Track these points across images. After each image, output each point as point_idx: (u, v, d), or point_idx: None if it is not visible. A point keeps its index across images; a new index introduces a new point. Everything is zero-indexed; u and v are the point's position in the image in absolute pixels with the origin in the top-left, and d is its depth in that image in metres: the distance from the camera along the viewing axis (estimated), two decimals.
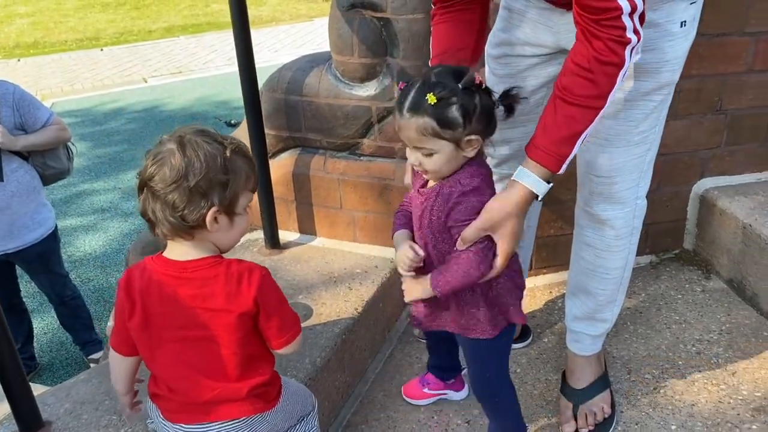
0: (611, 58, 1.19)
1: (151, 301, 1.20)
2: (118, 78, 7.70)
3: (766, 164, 2.25)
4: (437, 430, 1.73)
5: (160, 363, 1.24)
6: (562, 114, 1.26)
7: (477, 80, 1.23)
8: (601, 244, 1.64)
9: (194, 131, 1.16)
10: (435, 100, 1.20)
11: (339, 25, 1.98)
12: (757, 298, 2.03)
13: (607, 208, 1.59)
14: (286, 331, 1.24)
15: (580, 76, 1.22)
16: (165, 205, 1.13)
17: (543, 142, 1.27)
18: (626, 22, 1.17)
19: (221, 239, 1.20)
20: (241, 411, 1.24)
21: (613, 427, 1.68)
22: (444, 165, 1.28)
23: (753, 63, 2.07)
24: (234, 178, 1.15)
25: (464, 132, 1.23)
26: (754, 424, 1.65)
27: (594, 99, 1.24)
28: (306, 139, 2.16)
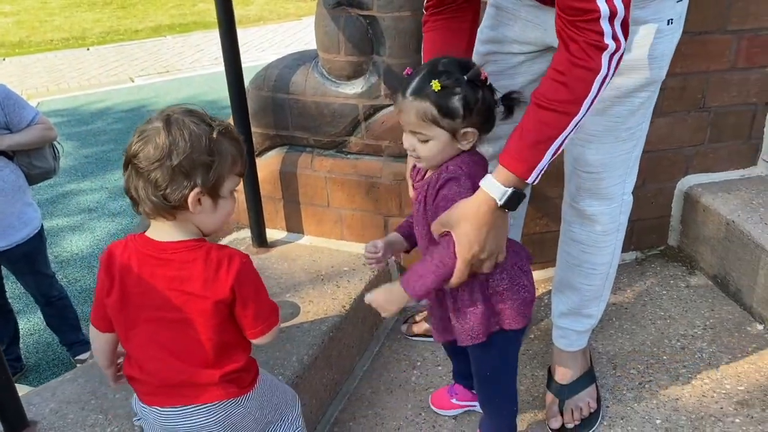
0: (586, 63, 1.17)
1: (130, 280, 1.20)
2: (104, 77, 7.65)
3: (749, 161, 2.28)
4: (425, 427, 1.74)
5: (134, 342, 1.23)
6: (534, 119, 1.23)
7: (483, 75, 1.25)
8: (588, 240, 1.65)
9: (183, 111, 1.15)
10: (439, 87, 1.22)
11: (325, 23, 1.98)
12: (740, 294, 2.05)
13: (594, 204, 1.60)
14: (262, 320, 1.23)
15: (555, 80, 1.21)
16: (148, 183, 1.13)
17: (513, 147, 1.24)
18: (604, 26, 1.15)
19: (204, 221, 1.19)
20: (214, 396, 1.24)
21: (599, 422, 1.69)
22: (437, 153, 1.28)
23: (735, 61, 2.09)
24: (219, 160, 1.14)
25: (462, 123, 1.24)
26: (737, 417, 1.67)
27: (567, 104, 1.20)
28: (293, 137, 2.16)
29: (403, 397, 1.84)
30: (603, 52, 1.16)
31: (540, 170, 1.24)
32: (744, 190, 2.17)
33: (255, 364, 1.33)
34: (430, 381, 1.89)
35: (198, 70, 7.70)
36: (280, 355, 1.69)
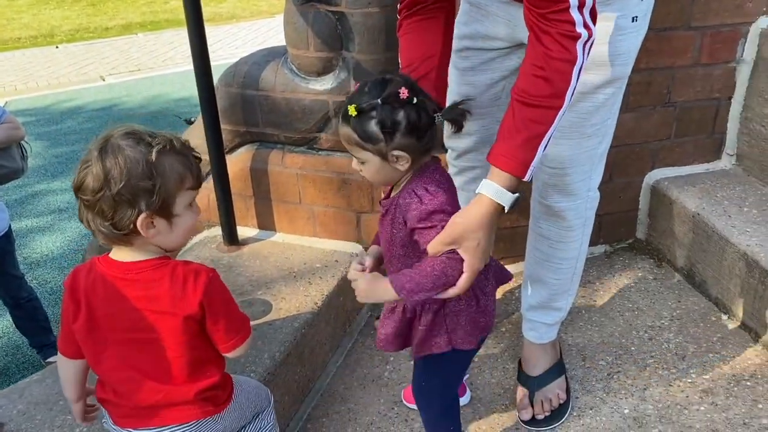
0: (562, 54, 1.18)
1: (97, 303, 1.18)
2: (74, 76, 7.53)
3: (713, 155, 2.32)
4: (397, 421, 1.75)
5: (105, 366, 1.21)
6: (520, 117, 1.23)
7: (402, 95, 1.17)
8: (555, 236, 1.67)
9: (122, 133, 1.12)
10: (355, 113, 1.17)
11: (294, 19, 1.97)
12: (705, 285, 2.09)
13: (560, 200, 1.62)
14: (233, 334, 1.22)
15: (535, 75, 1.21)
16: (95, 214, 1.11)
17: (504, 148, 1.23)
18: (575, 15, 1.16)
19: (164, 241, 1.18)
20: (190, 415, 1.23)
21: (568, 412, 1.71)
22: (375, 175, 1.24)
23: (699, 56, 2.13)
24: (162, 182, 1.10)
25: (387, 146, 1.19)
26: (702, 405, 1.70)
27: (551, 98, 1.21)
28: (263, 134, 2.15)
29: (376, 392, 1.85)
30: (577, 41, 1.18)
31: (534, 167, 1.24)
32: (708, 184, 2.21)
33: (230, 380, 1.32)
34: (403, 376, 1.90)
35: (170, 68, 7.62)
36: (252, 353, 1.68)
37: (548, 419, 1.69)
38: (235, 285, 1.98)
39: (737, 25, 2.10)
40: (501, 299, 2.18)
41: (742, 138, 2.23)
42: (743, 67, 2.17)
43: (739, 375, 1.79)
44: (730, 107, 2.24)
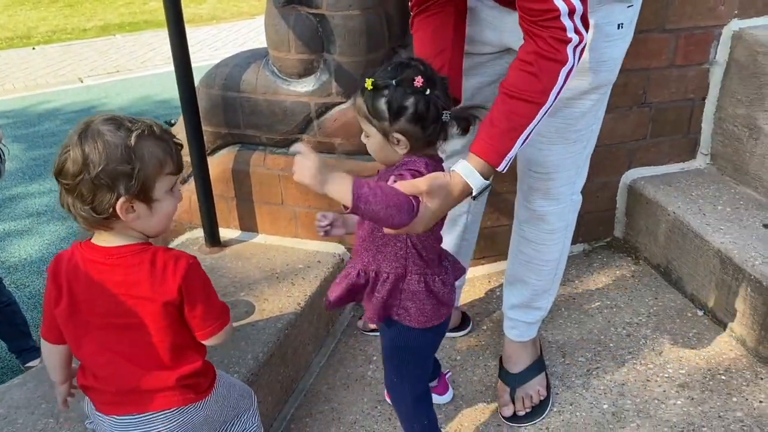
0: (554, 55, 1.23)
1: (78, 288, 1.19)
2: (52, 78, 7.43)
3: (688, 154, 2.37)
4: (380, 419, 1.76)
5: (86, 350, 1.22)
6: (504, 109, 1.27)
7: (417, 83, 1.21)
8: (538, 239, 1.70)
9: (102, 119, 1.14)
10: (371, 87, 1.23)
11: (275, 21, 1.98)
12: (681, 282, 2.13)
13: (544, 204, 1.64)
14: (211, 321, 1.23)
15: (524, 70, 1.26)
16: (75, 198, 1.13)
17: (484, 136, 1.28)
18: (566, 22, 1.21)
19: (144, 226, 1.19)
20: (171, 401, 1.23)
21: (548, 408, 1.74)
22: (376, 151, 1.30)
23: (674, 58, 2.18)
24: (141, 166, 1.12)
25: (391, 126, 1.24)
26: (678, 399, 1.74)
27: (537, 93, 1.25)
28: (245, 136, 2.16)
29: (360, 392, 1.86)
30: (568, 45, 1.22)
31: (510, 159, 1.28)
32: (684, 183, 2.26)
33: (212, 368, 1.33)
34: None
35: (150, 70, 7.56)
36: (235, 354, 1.69)
37: (529, 415, 1.72)
38: (218, 286, 1.96)
39: (710, 28, 2.15)
40: (482, 298, 2.21)
41: (716, 138, 2.28)
42: (716, 69, 2.22)
43: (714, 369, 1.83)
44: (704, 108, 2.29)
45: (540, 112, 1.27)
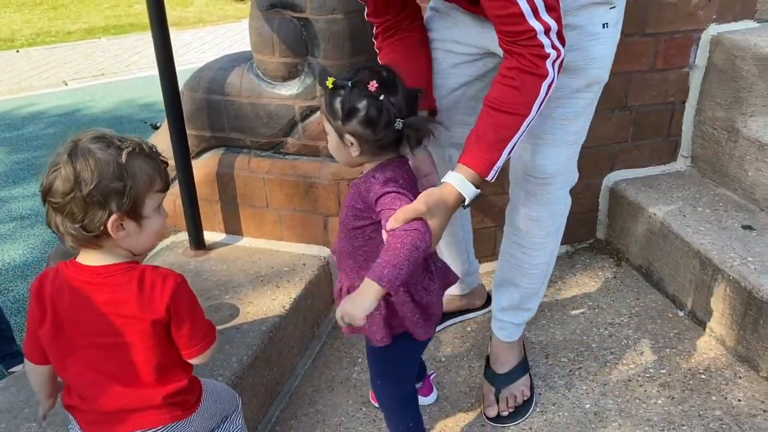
0: (534, 69, 1.29)
1: (63, 308, 1.18)
2: (35, 81, 7.38)
3: (669, 157, 2.40)
4: (365, 421, 1.77)
5: (71, 371, 1.21)
6: (491, 120, 1.33)
7: (371, 87, 1.22)
8: (531, 243, 1.71)
9: (90, 137, 1.14)
10: (331, 85, 1.26)
11: (259, 24, 1.99)
12: (662, 283, 2.16)
13: (540, 210, 1.66)
14: (197, 340, 1.23)
15: (507, 85, 1.31)
16: (65, 217, 1.12)
17: (473, 147, 1.32)
18: (543, 40, 1.26)
19: (133, 244, 1.19)
20: (158, 420, 1.23)
21: (532, 408, 1.76)
22: (334, 150, 1.33)
23: (655, 62, 2.21)
24: (132, 183, 1.12)
25: (343, 126, 1.26)
26: (659, 399, 1.76)
27: (520, 106, 1.31)
28: (229, 139, 2.16)
29: (344, 394, 1.87)
30: (546, 59, 1.28)
31: (497, 168, 1.33)
32: (665, 185, 2.29)
33: (198, 384, 1.33)
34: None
35: (135, 73, 7.53)
36: (220, 357, 1.69)
37: (512, 415, 1.74)
38: (202, 290, 1.98)
39: (690, 32, 2.18)
40: None
41: (696, 140, 2.32)
42: (696, 73, 2.25)
43: (695, 369, 1.85)
44: (685, 111, 2.32)
45: (524, 124, 1.32)
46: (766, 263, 1.82)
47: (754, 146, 2.05)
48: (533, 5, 1.23)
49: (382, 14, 1.57)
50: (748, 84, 2.08)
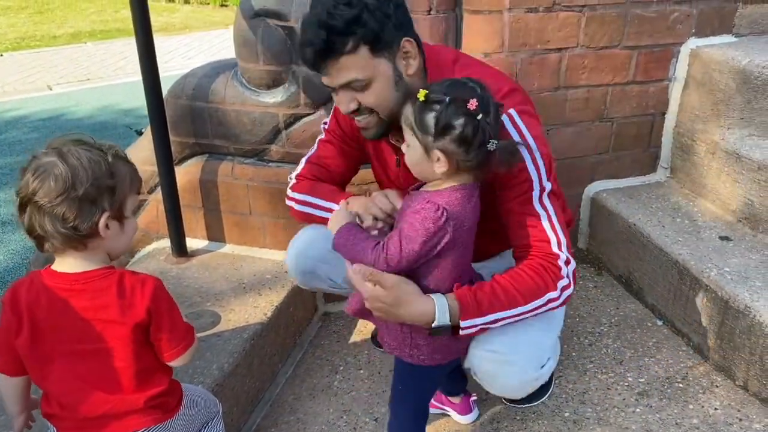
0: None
1: (41, 316, 1.18)
2: (20, 85, 7.32)
3: (649, 168, 2.43)
4: (346, 429, 1.77)
5: (51, 379, 1.21)
6: (516, 284, 1.39)
7: (471, 105, 1.21)
8: None
9: (71, 141, 1.15)
10: (423, 98, 1.23)
11: (244, 32, 2.00)
12: (642, 292, 2.18)
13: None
14: (176, 342, 1.24)
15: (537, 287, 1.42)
16: (54, 218, 1.11)
17: (477, 290, 1.36)
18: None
19: (113, 245, 1.20)
20: (139, 423, 1.23)
21: (548, 393, 1.82)
22: (414, 164, 1.30)
23: (635, 74, 2.24)
24: (120, 182, 1.16)
25: (434, 142, 1.23)
26: (638, 407, 1.78)
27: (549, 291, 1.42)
28: (213, 146, 2.16)
29: (326, 402, 1.87)
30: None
31: (477, 324, 1.36)
32: (645, 195, 2.31)
33: (179, 386, 1.33)
34: (352, 385, 1.93)
35: (121, 78, 7.49)
36: (200, 364, 1.68)
37: (529, 398, 1.77)
38: (184, 297, 1.98)
39: (669, 46, 2.22)
40: None
41: (676, 152, 2.35)
42: (675, 85, 2.29)
43: (672, 377, 1.87)
44: (664, 123, 2.35)
45: (532, 314, 1.40)
46: (743, 273, 1.85)
47: (732, 158, 2.08)
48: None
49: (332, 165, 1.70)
50: (726, 97, 2.12)
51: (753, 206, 2.04)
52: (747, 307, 1.73)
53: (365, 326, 2.19)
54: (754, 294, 1.76)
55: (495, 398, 1.83)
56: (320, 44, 1.32)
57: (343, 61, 1.34)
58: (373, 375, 1.96)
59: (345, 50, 1.33)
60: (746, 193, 2.05)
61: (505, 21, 2.01)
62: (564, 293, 1.44)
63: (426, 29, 1.97)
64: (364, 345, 2.10)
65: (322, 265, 1.70)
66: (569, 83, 2.15)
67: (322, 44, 1.32)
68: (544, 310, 1.42)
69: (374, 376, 1.96)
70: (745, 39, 2.25)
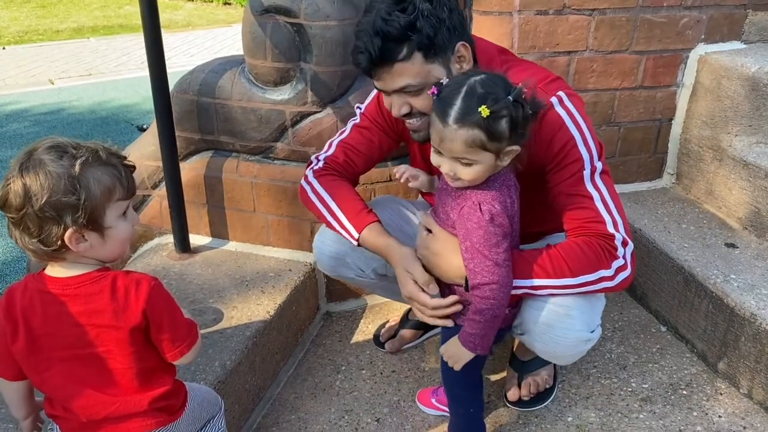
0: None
1: (36, 322, 1.15)
2: (21, 78, 7.31)
3: (655, 173, 2.43)
4: (347, 429, 1.76)
5: (51, 384, 1.19)
6: (567, 258, 1.39)
7: (525, 91, 1.23)
8: None
9: (45, 147, 1.09)
10: (488, 113, 1.18)
11: (252, 29, 1.99)
12: (646, 298, 2.18)
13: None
14: (179, 342, 1.21)
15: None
16: (22, 231, 1.09)
17: (524, 258, 1.39)
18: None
19: (99, 254, 1.15)
20: (144, 425, 1.21)
21: (552, 397, 1.81)
22: (481, 176, 1.28)
23: (643, 79, 2.23)
24: (87, 195, 1.07)
25: (507, 143, 1.23)
26: (641, 413, 1.77)
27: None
28: (218, 142, 2.15)
29: (327, 402, 1.86)
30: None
31: (513, 288, 1.38)
32: (650, 201, 2.31)
33: (183, 387, 1.31)
34: (354, 385, 1.91)
35: (123, 74, 7.47)
36: (202, 361, 1.67)
37: (533, 401, 1.77)
38: (186, 293, 1.96)
39: (678, 51, 2.21)
40: None
41: (682, 158, 2.34)
42: (683, 91, 2.28)
43: (676, 384, 1.86)
44: (671, 129, 2.35)
45: (587, 282, 1.40)
46: (748, 281, 1.84)
47: (739, 165, 2.08)
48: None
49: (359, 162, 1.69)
50: (734, 104, 2.11)
51: (759, 214, 2.03)
52: (753, 315, 1.73)
53: (367, 326, 2.18)
54: (760, 302, 1.75)
55: (498, 401, 1.83)
56: (375, 51, 1.32)
57: (397, 67, 1.35)
58: (375, 375, 1.95)
59: (399, 57, 1.34)
60: (753, 201, 2.05)
61: (514, 22, 2.01)
62: (620, 275, 1.40)
63: None
64: (366, 345, 2.09)
65: (351, 253, 1.70)
66: (578, 86, 2.15)
67: (377, 51, 1.32)
68: (595, 288, 1.39)
69: (376, 376, 1.95)
70: (753, 46, 2.25)
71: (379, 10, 1.32)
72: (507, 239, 1.32)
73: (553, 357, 1.58)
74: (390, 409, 1.82)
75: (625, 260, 1.41)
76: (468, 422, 1.61)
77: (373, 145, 1.69)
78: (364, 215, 1.56)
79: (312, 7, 1.90)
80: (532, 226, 1.54)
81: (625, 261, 1.41)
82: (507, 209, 1.32)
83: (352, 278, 1.79)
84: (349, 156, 1.68)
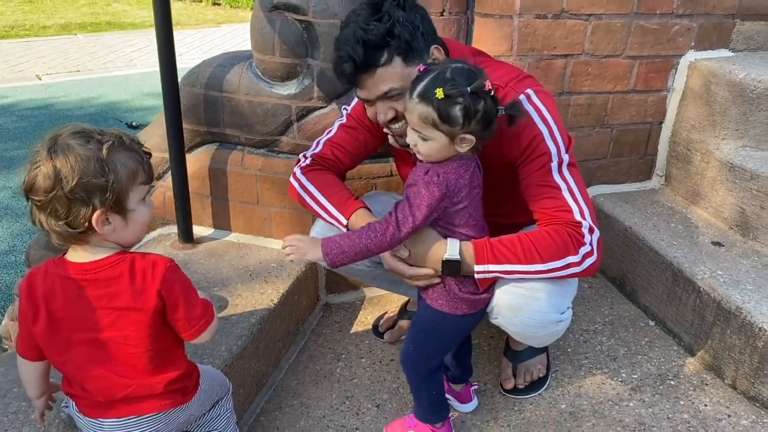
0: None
1: (56, 306, 1.19)
2: (8, 74, 7.26)
3: (645, 175, 2.51)
4: (348, 414, 1.81)
5: (71, 365, 1.22)
6: (537, 242, 1.45)
7: (486, 87, 1.31)
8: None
9: (70, 132, 1.13)
10: (442, 96, 1.29)
11: (261, 24, 2.04)
12: (635, 294, 2.26)
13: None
14: (195, 321, 1.24)
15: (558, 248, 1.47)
16: (48, 215, 1.12)
17: (496, 242, 1.45)
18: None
19: (120, 237, 1.19)
20: (160, 405, 1.25)
21: (546, 385, 1.88)
22: (435, 153, 1.37)
23: (635, 83, 2.32)
24: (115, 178, 1.12)
25: (461, 130, 1.32)
26: (631, 401, 1.84)
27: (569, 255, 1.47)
28: (224, 135, 2.19)
29: (328, 388, 1.91)
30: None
31: (488, 272, 1.45)
32: (640, 201, 2.39)
33: (196, 369, 1.35)
34: (354, 372, 1.97)
35: (111, 71, 7.46)
36: (209, 345, 1.71)
37: (527, 389, 1.85)
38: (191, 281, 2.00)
39: (669, 57, 2.30)
40: None
41: (671, 160, 2.43)
42: (673, 96, 2.37)
43: (664, 375, 1.94)
44: (661, 131, 2.44)
45: (543, 275, 1.46)
46: (734, 277, 1.93)
47: (726, 168, 2.17)
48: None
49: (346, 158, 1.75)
50: (722, 109, 2.21)
51: (745, 214, 2.12)
52: (738, 308, 1.81)
53: (366, 317, 2.23)
54: (745, 296, 1.84)
55: (494, 389, 1.89)
56: (359, 58, 1.42)
57: (379, 73, 1.45)
58: (374, 363, 2.00)
59: (381, 62, 1.44)
60: (738, 202, 2.14)
61: (514, 25, 2.08)
62: (587, 260, 1.47)
63: (438, 30, 2.01)
64: (366, 335, 2.14)
65: None
66: (573, 89, 2.23)
67: (361, 58, 1.42)
68: (563, 273, 1.46)
69: (375, 364, 2.00)
70: (741, 54, 2.35)
71: (356, 23, 1.44)
72: (435, 210, 1.39)
73: (526, 338, 1.66)
74: (389, 395, 1.88)
75: (592, 246, 1.48)
76: (431, 404, 1.65)
77: (359, 143, 1.76)
78: (351, 202, 1.64)
79: (321, 5, 1.96)
80: (511, 217, 1.64)
81: (592, 247, 1.48)
82: (451, 183, 1.38)
83: (353, 270, 1.84)
84: (336, 153, 1.76)
